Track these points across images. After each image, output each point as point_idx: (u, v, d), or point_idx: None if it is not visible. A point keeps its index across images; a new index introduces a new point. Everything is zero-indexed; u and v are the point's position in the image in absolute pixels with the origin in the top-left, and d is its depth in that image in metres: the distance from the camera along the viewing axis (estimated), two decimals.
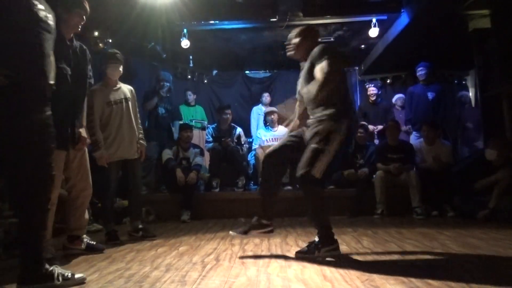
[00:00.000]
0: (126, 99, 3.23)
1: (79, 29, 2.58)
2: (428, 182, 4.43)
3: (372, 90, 5.89)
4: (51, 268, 1.79)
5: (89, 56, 2.71)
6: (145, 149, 3.37)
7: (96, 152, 3.05)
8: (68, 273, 1.82)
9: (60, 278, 1.77)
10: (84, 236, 2.69)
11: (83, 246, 2.61)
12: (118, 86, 3.24)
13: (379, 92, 6.01)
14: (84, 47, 2.68)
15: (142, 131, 3.40)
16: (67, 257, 2.51)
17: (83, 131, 2.67)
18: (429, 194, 4.42)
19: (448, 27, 5.40)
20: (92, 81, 2.80)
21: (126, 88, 3.28)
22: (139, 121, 3.39)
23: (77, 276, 1.84)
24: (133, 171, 3.28)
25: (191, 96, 6.76)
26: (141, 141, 3.31)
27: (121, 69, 3.20)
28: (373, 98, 5.88)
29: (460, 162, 4.95)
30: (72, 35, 2.55)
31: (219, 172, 5.20)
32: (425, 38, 5.76)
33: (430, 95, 5.45)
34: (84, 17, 2.54)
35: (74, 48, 2.56)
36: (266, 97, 6.70)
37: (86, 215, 2.75)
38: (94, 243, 2.72)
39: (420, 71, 5.52)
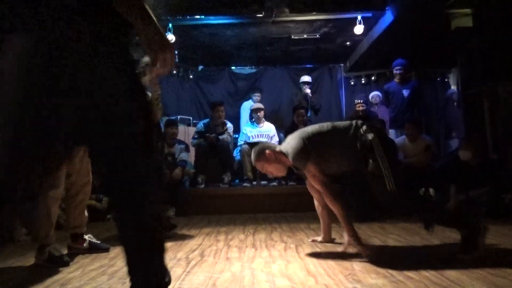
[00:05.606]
0: None
1: None
2: (411, 178, 4.49)
3: (361, 106, 5.67)
4: None
5: None
6: None
7: None
8: None
9: None
10: (88, 235, 2.60)
11: (85, 245, 2.53)
12: None
13: (368, 108, 5.81)
14: None
15: None
16: (70, 256, 2.38)
17: None
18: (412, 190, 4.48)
19: (431, 25, 5.50)
20: None
21: None
22: None
23: None
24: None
25: None
26: None
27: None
28: (361, 114, 5.57)
29: (440, 160, 5.03)
30: None
31: (204, 168, 5.18)
32: (409, 36, 5.85)
33: (405, 92, 5.46)
34: None
35: None
36: (257, 97, 6.56)
37: (86, 213, 2.65)
38: (98, 242, 2.63)
39: (397, 70, 5.54)
